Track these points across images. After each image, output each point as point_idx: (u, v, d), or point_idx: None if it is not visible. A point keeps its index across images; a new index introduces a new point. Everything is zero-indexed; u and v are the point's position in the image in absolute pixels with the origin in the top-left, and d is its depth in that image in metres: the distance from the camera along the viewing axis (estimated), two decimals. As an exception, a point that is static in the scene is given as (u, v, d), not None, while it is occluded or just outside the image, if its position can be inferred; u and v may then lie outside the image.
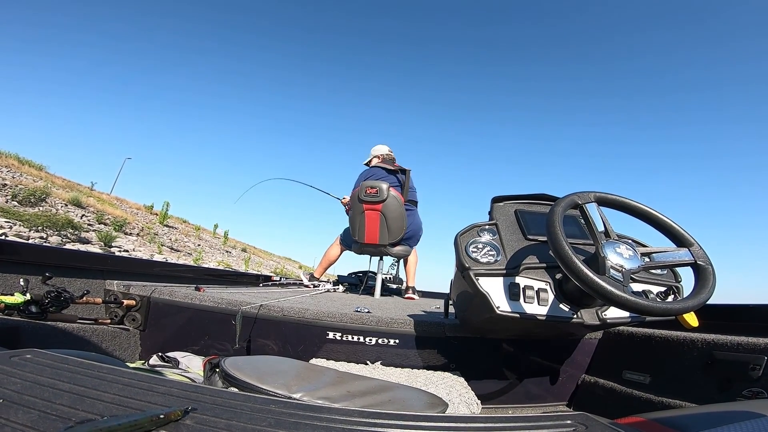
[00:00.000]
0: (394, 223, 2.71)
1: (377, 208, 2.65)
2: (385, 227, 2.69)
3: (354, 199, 2.74)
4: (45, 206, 9.19)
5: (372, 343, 1.33)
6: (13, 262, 1.25)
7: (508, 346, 1.43)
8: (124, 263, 1.79)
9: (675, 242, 0.96)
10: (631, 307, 0.79)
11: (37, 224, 7.41)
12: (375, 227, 2.68)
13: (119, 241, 9.23)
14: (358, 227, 2.71)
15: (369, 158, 3.08)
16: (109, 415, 0.35)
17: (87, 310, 1.37)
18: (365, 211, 2.67)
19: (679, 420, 0.54)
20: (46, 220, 7.65)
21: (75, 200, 10.78)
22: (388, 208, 2.66)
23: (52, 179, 13.09)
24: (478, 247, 1.11)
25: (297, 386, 0.71)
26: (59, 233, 7.61)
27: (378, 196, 2.62)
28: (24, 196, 8.93)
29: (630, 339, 1.31)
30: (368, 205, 2.65)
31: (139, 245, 9.83)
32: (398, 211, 2.69)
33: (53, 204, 9.72)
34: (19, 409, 0.35)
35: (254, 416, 0.38)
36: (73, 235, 7.97)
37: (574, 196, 0.98)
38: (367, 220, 2.67)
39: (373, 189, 2.62)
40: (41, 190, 9.67)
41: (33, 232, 7.15)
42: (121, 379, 0.45)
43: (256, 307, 1.36)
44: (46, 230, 7.43)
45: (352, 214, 2.77)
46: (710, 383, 1.02)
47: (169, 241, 12.36)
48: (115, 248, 8.48)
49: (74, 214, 9.68)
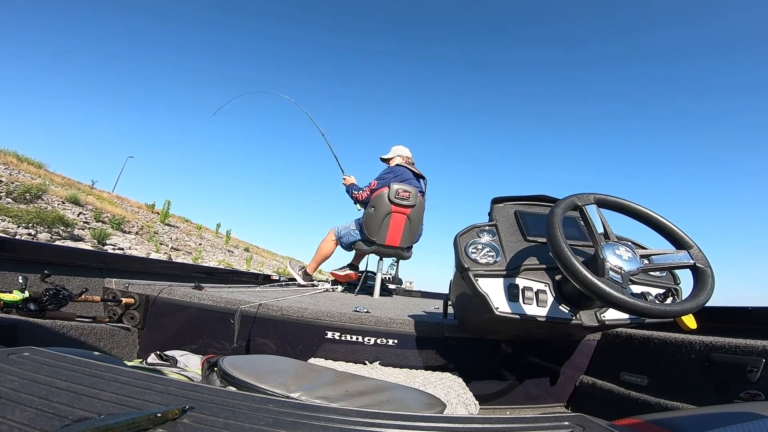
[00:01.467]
0: (416, 227, 2.77)
1: (405, 212, 2.65)
2: (408, 231, 2.71)
3: (381, 198, 2.62)
4: (41, 203, 9.04)
5: (371, 343, 1.33)
6: (12, 260, 1.25)
7: (507, 347, 1.43)
8: (124, 261, 1.79)
9: (674, 244, 0.96)
10: (629, 308, 0.79)
11: (26, 220, 7.21)
12: (399, 230, 2.68)
13: (115, 239, 9.14)
14: (381, 228, 2.63)
15: (391, 155, 2.96)
16: (106, 413, 0.35)
17: (85, 308, 1.37)
18: (392, 213, 2.62)
19: (676, 422, 0.54)
20: (34, 217, 7.46)
21: (73, 198, 10.70)
22: (414, 213, 2.70)
23: (51, 177, 13.00)
24: (477, 248, 1.11)
25: (295, 386, 0.71)
26: (49, 230, 7.45)
27: (409, 201, 2.62)
28: (19, 193, 8.79)
29: (628, 341, 1.31)
30: (397, 208, 2.61)
31: (136, 243, 9.76)
32: (420, 216, 2.77)
33: (49, 201, 9.61)
34: (16, 407, 0.35)
35: (252, 415, 0.38)
36: (65, 233, 7.83)
37: (573, 197, 0.98)
38: (393, 222, 2.64)
39: (406, 193, 2.61)
40: (37, 187, 9.54)
41: (21, 228, 6.97)
42: (119, 378, 0.44)
43: (255, 307, 1.36)
44: (36, 227, 7.25)
45: (373, 212, 2.63)
46: (708, 385, 1.02)
47: (169, 240, 12.31)
48: (109, 246, 8.37)
49: (71, 212, 9.59)
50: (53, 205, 9.42)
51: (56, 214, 8.21)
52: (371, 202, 2.66)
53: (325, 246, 2.94)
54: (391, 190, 2.59)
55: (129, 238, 10.12)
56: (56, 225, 7.78)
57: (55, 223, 7.78)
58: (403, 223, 2.67)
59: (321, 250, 2.94)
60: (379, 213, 2.62)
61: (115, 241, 9.05)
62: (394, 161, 2.90)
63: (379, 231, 2.64)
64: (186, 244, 13.05)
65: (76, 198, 10.81)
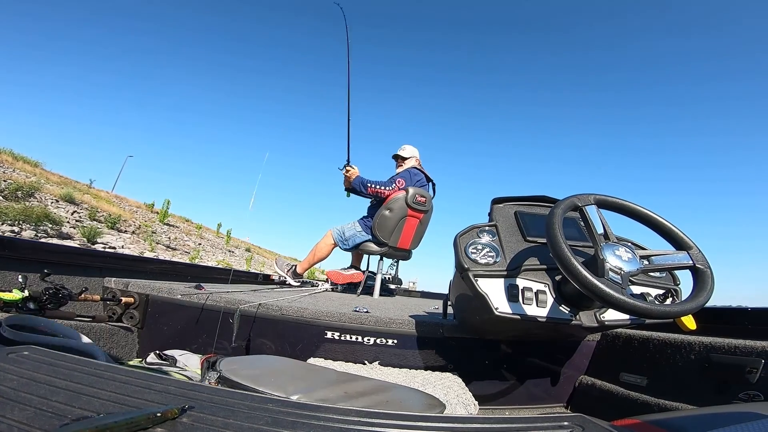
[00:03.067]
0: (424, 231, 2.81)
1: (419, 216, 2.67)
2: (418, 235, 2.75)
3: (398, 201, 2.60)
4: (33, 202, 8.83)
5: (370, 343, 1.32)
6: (12, 259, 1.25)
7: (507, 348, 1.43)
8: (123, 261, 1.79)
9: (674, 245, 0.96)
10: (629, 309, 0.79)
11: (10, 217, 7.01)
12: (411, 234, 2.71)
13: (108, 238, 8.96)
14: (395, 230, 2.62)
15: (408, 155, 2.87)
16: (105, 412, 0.35)
17: (85, 308, 1.37)
18: (408, 216, 2.62)
19: (675, 422, 0.54)
20: (19, 213, 7.19)
21: (67, 196, 10.56)
22: (426, 218, 2.74)
23: (47, 176, 12.91)
24: (477, 248, 1.11)
25: (293, 387, 0.71)
26: (35, 227, 7.20)
27: (424, 206, 2.65)
28: (10, 191, 8.57)
29: (628, 341, 1.31)
30: (413, 212, 2.62)
31: (130, 242, 9.63)
32: (429, 220, 2.81)
33: (42, 199, 9.44)
34: (15, 406, 0.35)
35: (251, 415, 0.38)
36: (54, 230, 7.58)
37: (573, 198, 0.98)
38: (407, 226, 2.66)
39: (423, 198, 2.63)
40: (30, 185, 9.38)
41: (5, 225, 6.74)
42: (118, 377, 0.44)
43: (255, 306, 1.36)
44: (21, 224, 7.00)
45: (389, 215, 2.60)
46: (707, 386, 1.02)
47: (167, 239, 12.25)
48: (100, 244, 8.16)
49: (64, 210, 9.46)
50: (45, 203, 9.23)
51: (42, 211, 7.92)
52: (388, 203, 2.61)
53: (323, 248, 2.83)
54: (409, 195, 2.58)
55: (124, 237, 10.02)
56: (43, 222, 7.51)
57: (42, 221, 7.50)
58: (416, 227, 2.71)
59: (318, 251, 2.83)
60: (395, 216, 2.61)
61: (108, 239, 8.88)
62: (409, 162, 2.83)
63: (392, 234, 2.62)
64: (185, 244, 12.98)
65: (70, 196, 10.68)
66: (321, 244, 2.84)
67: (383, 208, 2.61)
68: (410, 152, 2.88)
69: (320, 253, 2.84)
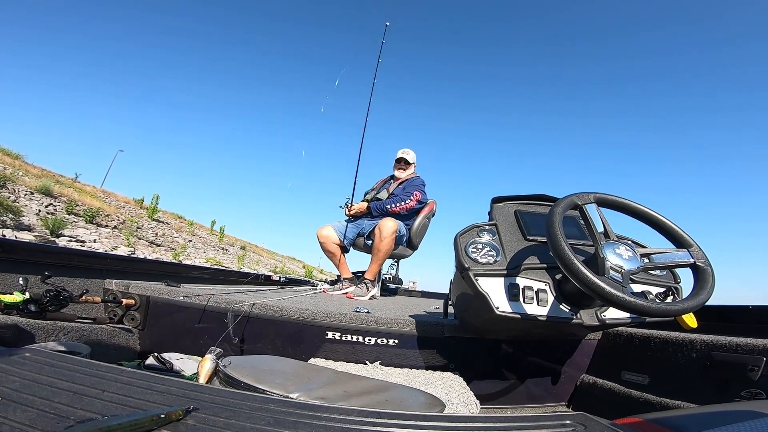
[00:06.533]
0: None
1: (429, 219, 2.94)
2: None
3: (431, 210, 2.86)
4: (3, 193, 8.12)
5: (371, 343, 1.32)
6: (13, 261, 1.25)
7: (507, 347, 1.43)
8: (124, 262, 1.79)
9: (674, 243, 0.96)
10: (630, 308, 0.79)
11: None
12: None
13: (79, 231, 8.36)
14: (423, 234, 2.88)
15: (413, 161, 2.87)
16: (108, 414, 0.35)
17: (86, 310, 1.37)
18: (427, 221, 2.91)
19: (677, 421, 0.54)
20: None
21: (43, 188, 10.07)
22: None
23: (26, 168, 12.34)
24: (477, 248, 1.11)
25: (294, 386, 0.71)
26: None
27: (433, 210, 2.91)
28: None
29: (629, 340, 1.31)
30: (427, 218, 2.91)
31: (106, 237, 9.01)
32: None
33: (15, 191, 8.88)
34: (18, 408, 0.35)
35: (253, 415, 0.38)
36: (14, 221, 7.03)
37: (573, 196, 0.98)
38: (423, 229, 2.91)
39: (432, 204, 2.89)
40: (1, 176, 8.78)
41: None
42: (120, 378, 0.45)
43: (257, 307, 1.36)
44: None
45: (427, 222, 2.83)
46: (709, 384, 1.02)
47: (154, 236, 11.86)
48: (65, 238, 7.56)
49: (37, 202, 8.94)
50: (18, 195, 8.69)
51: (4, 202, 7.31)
52: (431, 212, 2.84)
53: (389, 242, 2.45)
54: (434, 206, 2.87)
55: (102, 231, 9.48)
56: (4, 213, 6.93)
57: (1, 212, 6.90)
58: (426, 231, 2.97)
59: (386, 248, 2.45)
60: (428, 223, 2.85)
61: (78, 233, 8.26)
62: (412, 168, 2.89)
63: (420, 237, 2.83)
64: (173, 240, 12.58)
65: (47, 189, 10.17)
66: (389, 240, 2.43)
67: (424, 217, 2.78)
68: (414, 158, 2.94)
69: (388, 248, 2.48)
